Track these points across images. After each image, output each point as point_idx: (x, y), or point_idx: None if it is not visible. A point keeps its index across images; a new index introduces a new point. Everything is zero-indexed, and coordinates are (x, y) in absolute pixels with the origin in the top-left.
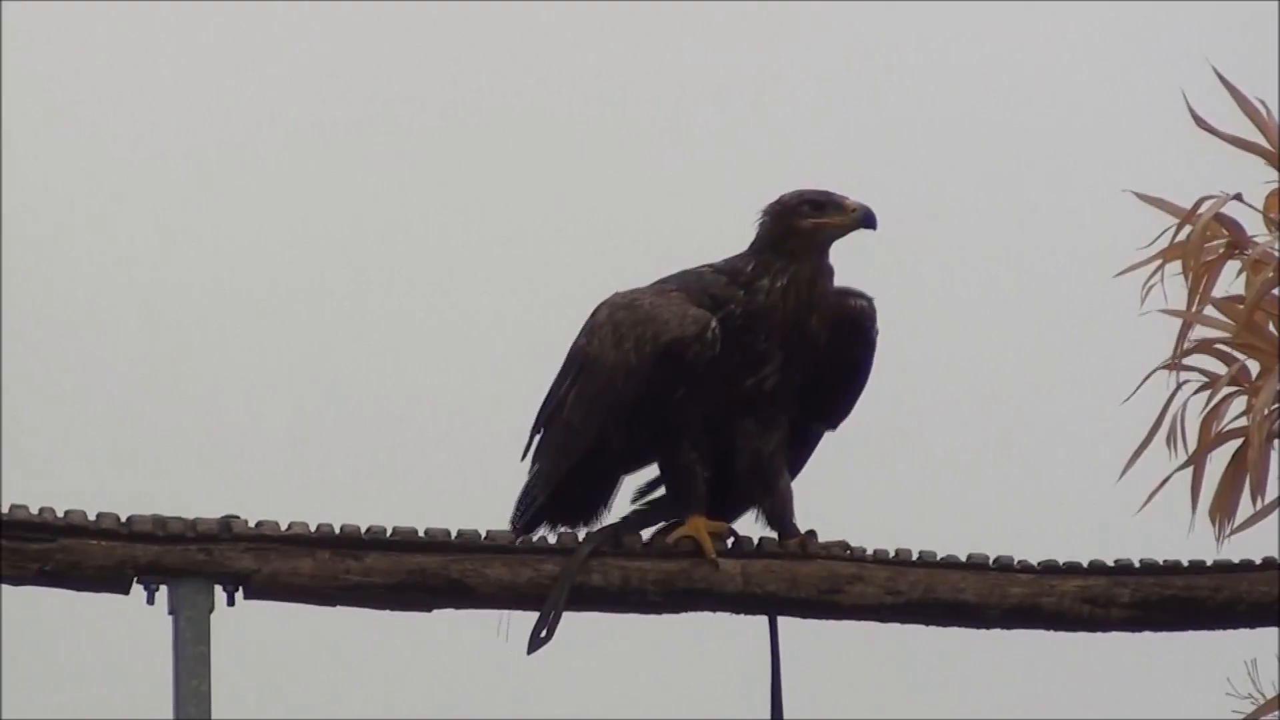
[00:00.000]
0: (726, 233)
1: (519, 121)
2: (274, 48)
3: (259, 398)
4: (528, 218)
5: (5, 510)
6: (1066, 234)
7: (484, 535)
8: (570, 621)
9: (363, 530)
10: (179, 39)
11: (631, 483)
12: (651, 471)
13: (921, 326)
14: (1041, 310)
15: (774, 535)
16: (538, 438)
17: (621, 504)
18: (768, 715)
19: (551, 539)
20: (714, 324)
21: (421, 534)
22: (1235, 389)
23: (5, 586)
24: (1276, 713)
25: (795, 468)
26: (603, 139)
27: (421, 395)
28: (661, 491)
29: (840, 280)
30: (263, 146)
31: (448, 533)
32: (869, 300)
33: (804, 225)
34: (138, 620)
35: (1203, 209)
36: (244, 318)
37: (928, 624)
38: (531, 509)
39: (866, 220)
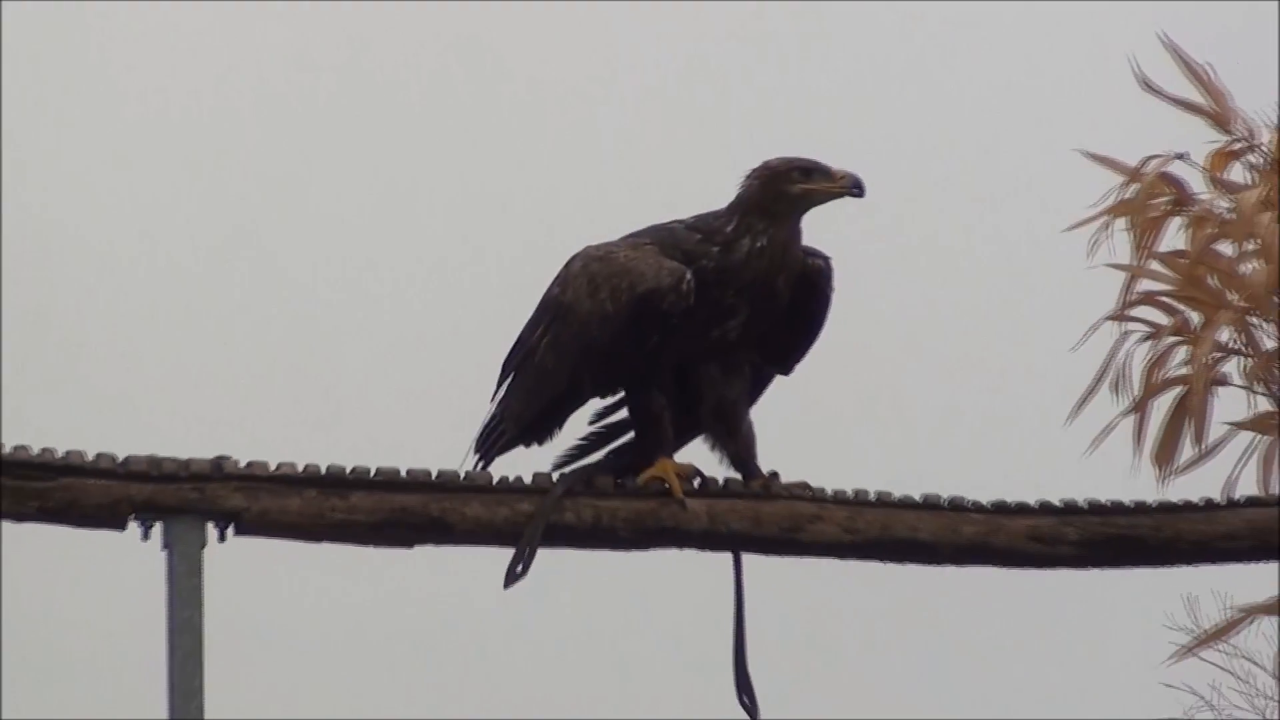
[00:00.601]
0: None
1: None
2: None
3: (249, 344)
4: (496, 174)
5: (7, 451)
6: (1018, 191)
7: (463, 476)
8: (544, 558)
9: (348, 470)
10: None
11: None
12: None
13: (880, 279)
14: (993, 263)
15: (738, 477)
16: (508, 380)
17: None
18: (731, 648)
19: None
20: (689, 276)
21: (403, 474)
22: (1178, 339)
23: (6, 524)
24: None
25: (753, 402)
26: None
27: (398, 346)
28: (620, 415)
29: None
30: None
31: (428, 473)
32: (826, 260)
33: (793, 190)
34: (133, 555)
35: (1148, 168)
36: (234, 266)
37: (884, 560)
38: (499, 444)
39: (855, 187)
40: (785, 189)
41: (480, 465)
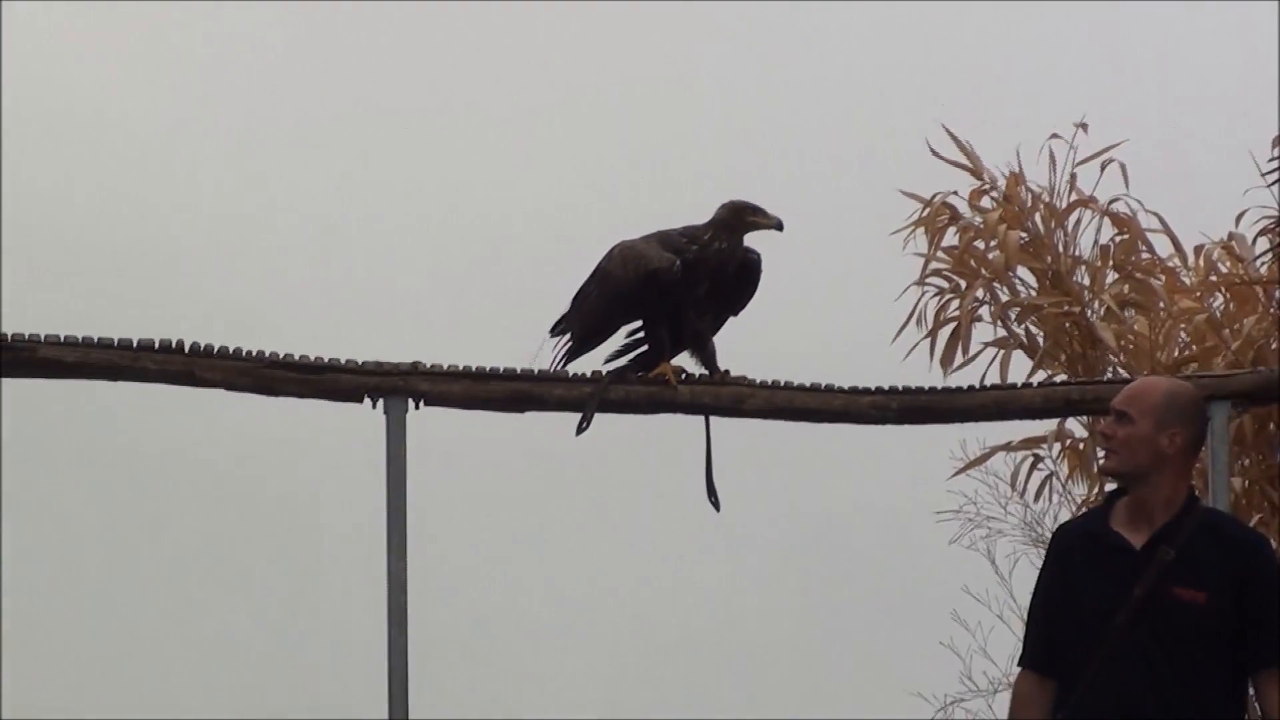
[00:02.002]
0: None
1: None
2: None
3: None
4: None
5: (296, 357)
6: (877, 199)
7: (552, 371)
8: (600, 420)
9: (487, 368)
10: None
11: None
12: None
13: (778, 265)
14: (858, 250)
15: (707, 373)
16: (571, 312)
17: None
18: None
19: (586, 372)
20: (678, 262)
21: (518, 370)
22: (952, 295)
23: (280, 399)
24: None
25: (715, 332)
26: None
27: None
28: (638, 338)
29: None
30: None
31: (532, 370)
32: (758, 255)
33: (745, 219)
34: (366, 418)
35: (935, 199)
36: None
37: (789, 420)
38: (567, 352)
39: (779, 227)
40: (744, 218)
41: (559, 366)
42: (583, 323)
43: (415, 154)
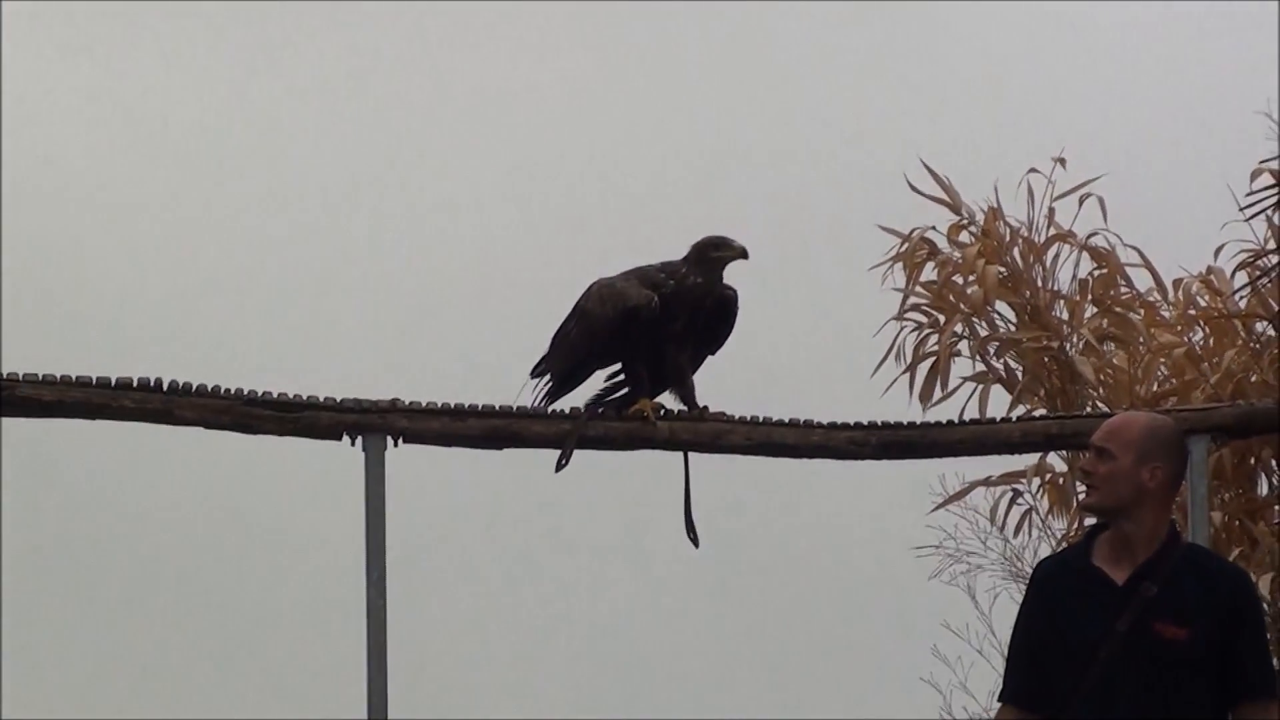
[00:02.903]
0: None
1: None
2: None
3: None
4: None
5: (274, 395)
6: (855, 234)
7: (531, 408)
8: (574, 459)
9: (465, 405)
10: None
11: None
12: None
13: (756, 304)
14: (838, 281)
15: (686, 409)
16: (549, 351)
17: (594, 385)
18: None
19: (565, 409)
20: (655, 299)
21: (496, 407)
22: (931, 330)
23: (255, 438)
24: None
25: (694, 369)
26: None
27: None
28: (620, 379)
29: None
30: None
31: (510, 407)
32: (734, 291)
33: (711, 255)
34: (344, 455)
35: (914, 235)
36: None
37: (768, 456)
38: (547, 392)
39: (743, 255)
40: (708, 254)
41: (540, 404)
42: (563, 361)
43: (393, 191)
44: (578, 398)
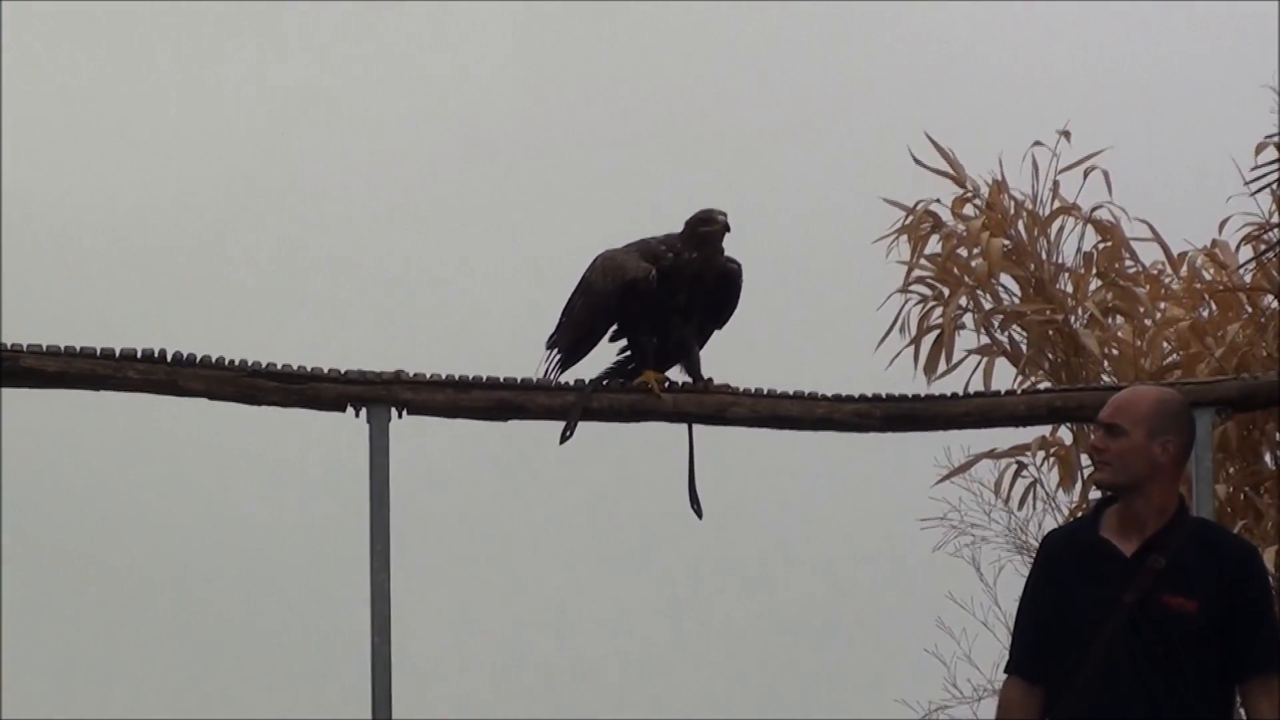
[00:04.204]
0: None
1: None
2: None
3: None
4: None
5: (279, 366)
6: (860, 207)
7: (535, 380)
8: (579, 430)
9: (470, 377)
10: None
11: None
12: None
13: (771, 266)
14: (843, 254)
15: (690, 380)
16: (559, 324)
17: (602, 357)
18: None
19: (568, 380)
20: (653, 272)
21: (502, 379)
22: (936, 302)
23: (265, 409)
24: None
25: (701, 344)
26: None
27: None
28: (627, 354)
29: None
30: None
31: (515, 379)
32: (738, 264)
33: (700, 231)
34: (350, 427)
35: (918, 207)
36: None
37: (772, 428)
38: (555, 364)
39: (725, 229)
40: (697, 229)
41: (554, 377)
42: (569, 333)
43: (399, 161)
44: (589, 369)
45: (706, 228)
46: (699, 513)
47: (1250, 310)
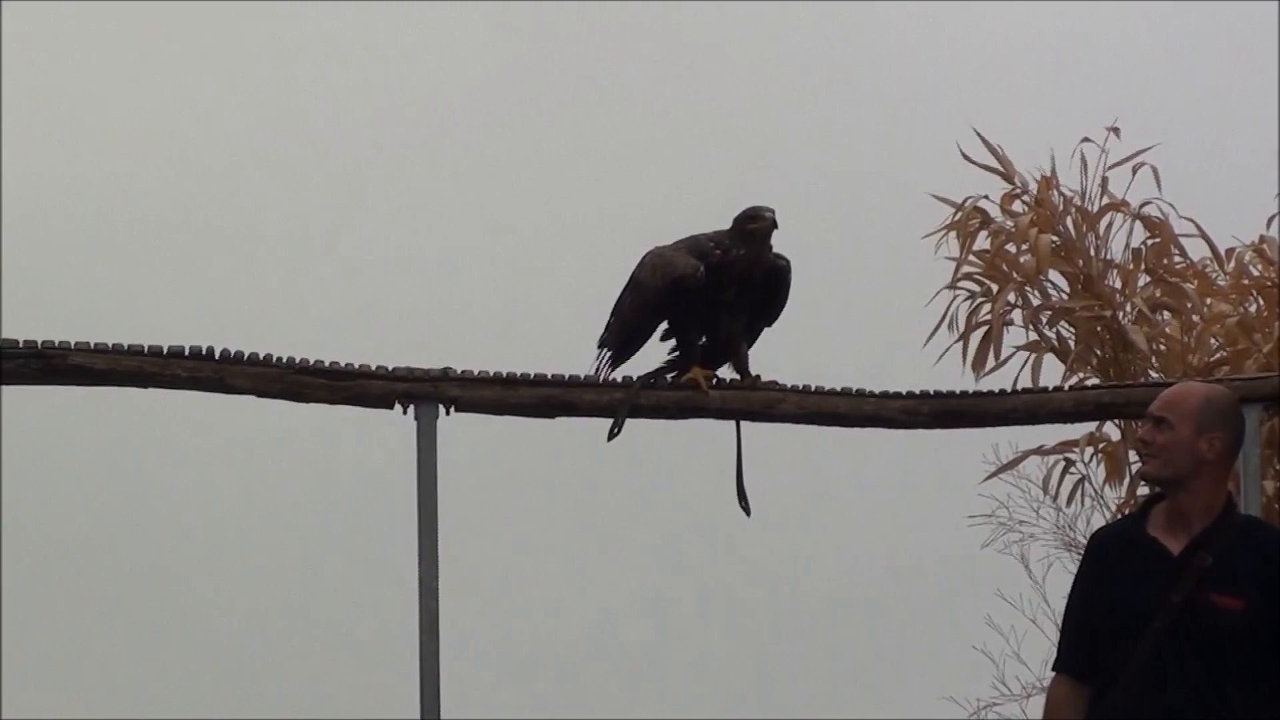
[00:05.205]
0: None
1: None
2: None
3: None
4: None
5: (326, 364)
6: (909, 203)
7: (583, 377)
8: (626, 427)
9: (518, 374)
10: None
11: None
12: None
13: (819, 262)
14: (891, 250)
15: (738, 377)
16: (608, 323)
17: (653, 356)
18: (735, 481)
19: (617, 378)
20: (701, 269)
21: (549, 376)
22: (984, 299)
23: (299, 404)
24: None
25: (750, 342)
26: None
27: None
28: (675, 356)
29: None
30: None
31: (563, 375)
32: (787, 261)
33: (747, 228)
34: (398, 424)
35: (967, 204)
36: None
37: (820, 425)
38: (606, 361)
39: (773, 225)
40: (745, 227)
41: (606, 375)
42: (619, 330)
43: (445, 161)
44: (638, 365)
45: (754, 224)
46: (747, 510)
47: None
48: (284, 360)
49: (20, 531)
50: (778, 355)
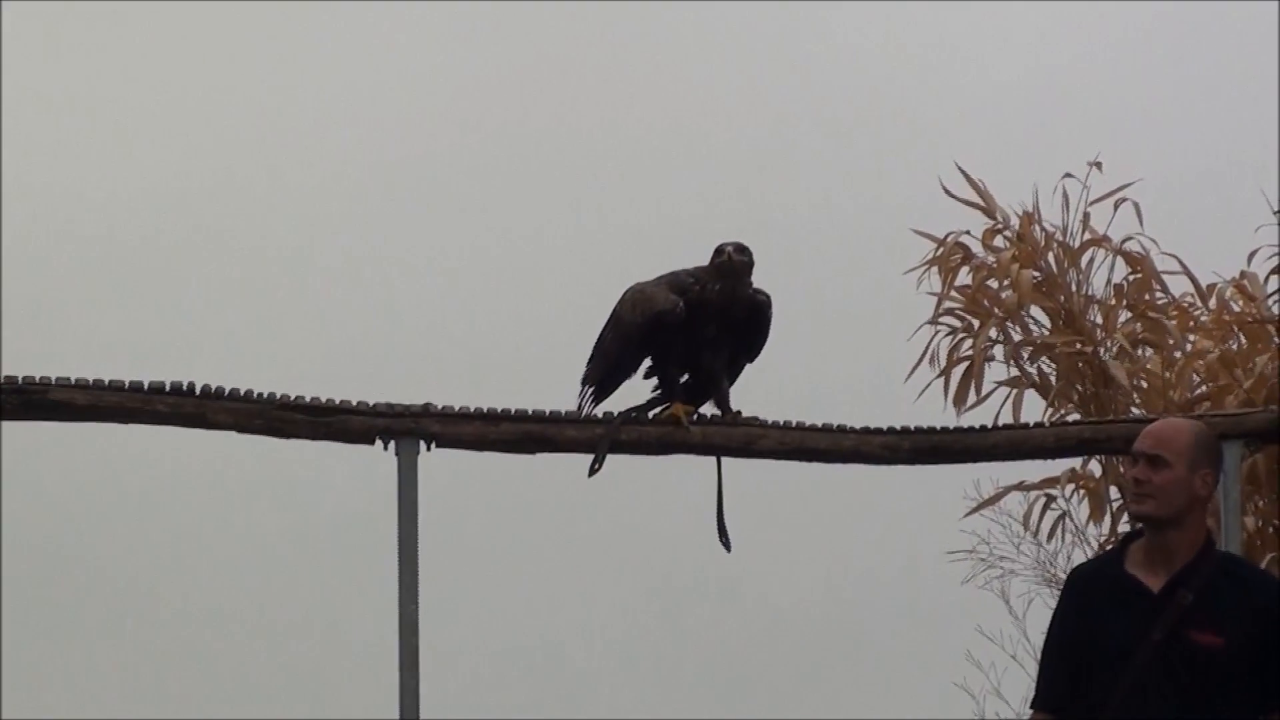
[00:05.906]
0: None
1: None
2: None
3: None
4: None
5: (308, 399)
6: (890, 238)
7: (564, 413)
8: (607, 463)
9: (499, 409)
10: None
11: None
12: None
13: (800, 297)
14: (873, 285)
15: (719, 413)
16: (590, 358)
17: (638, 392)
18: (715, 520)
19: (599, 413)
20: (681, 304)
21: (530, 411)
22: (965, 334)
23: (285, 440)
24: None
25: (733, 378)
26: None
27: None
28: (658, 393)
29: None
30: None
31: (544, 411)
32: (767, 296)
33: (716, 262)
34: (377, 460)
35: (949, 239)
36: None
37: (801, 461)
38: (587, 398)
39: (730, 258)
40: (715, 261)
41: (589, 411)
42: (600, 366)
43: (429, 194)
44: (621, 402)
45: (719, 259)
46: (727, 546)
47: (1279, 342)
48: (265, 396)
49: None
50: (758, 390)
